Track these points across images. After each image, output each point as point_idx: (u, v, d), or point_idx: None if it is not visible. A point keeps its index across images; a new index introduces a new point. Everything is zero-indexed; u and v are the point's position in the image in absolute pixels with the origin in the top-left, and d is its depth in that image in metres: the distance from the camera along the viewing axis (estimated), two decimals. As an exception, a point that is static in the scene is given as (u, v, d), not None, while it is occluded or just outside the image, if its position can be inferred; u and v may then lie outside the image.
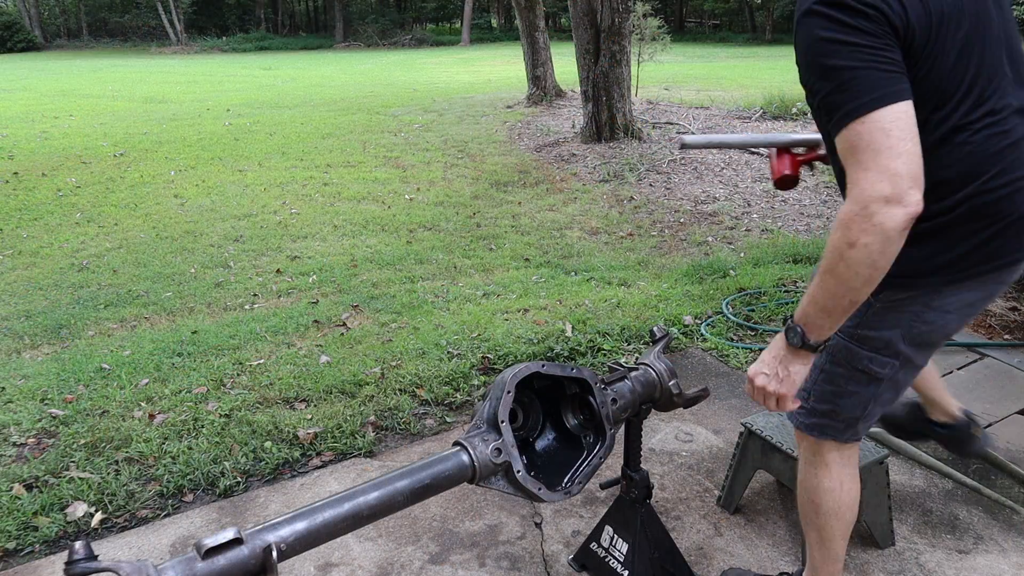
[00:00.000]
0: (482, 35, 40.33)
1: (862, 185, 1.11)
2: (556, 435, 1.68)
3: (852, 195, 1.13)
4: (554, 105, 11.84)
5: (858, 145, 1.12)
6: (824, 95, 1.17)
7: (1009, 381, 3.00)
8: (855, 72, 1.13)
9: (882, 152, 1.10)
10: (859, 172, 1.12)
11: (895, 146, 1.11)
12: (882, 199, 1.10)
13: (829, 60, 1.15)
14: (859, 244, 1.12)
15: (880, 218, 1.10)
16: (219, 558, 1.14)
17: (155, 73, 21.80)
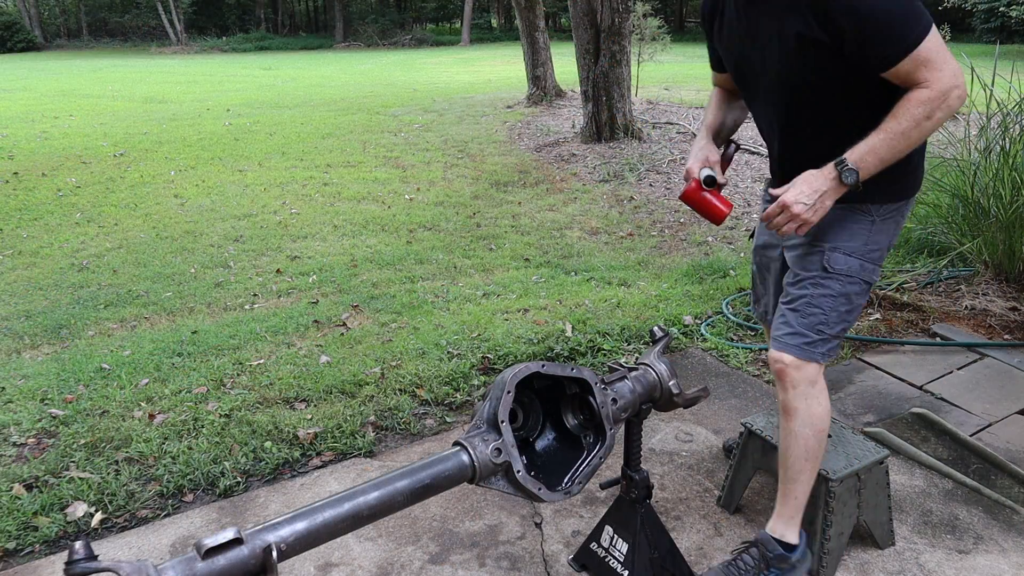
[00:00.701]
0: (482, 35, 40.33)
1: (942, 78, 1.50)
2: (556, 435, 1.68)
3: (933, 87, 1.51)
4: (554, 105, 11.84)
5: (931, 56, 1.50)
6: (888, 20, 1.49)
7: (1009, 381, 3.00)
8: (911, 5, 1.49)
9: (947, 58, 1.51)
10: (934, 72, 1.51)
11: (947, 50, 1.53)
12: (955, 87, 1.52)
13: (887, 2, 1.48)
14: (935, 118, 1.54)
15: (952, 101, 1.53)
16: (219, 558, 1.14)
17: (155, 73, 21.80)
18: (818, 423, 1.78)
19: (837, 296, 1.75)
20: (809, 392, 1.76)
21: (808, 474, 1.82)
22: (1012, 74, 4.03)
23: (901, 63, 1.52)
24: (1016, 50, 17.26)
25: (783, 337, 1.78)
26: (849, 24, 1.51)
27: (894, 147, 1.56)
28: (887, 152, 1.57)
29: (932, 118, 1.54)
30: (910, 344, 3.31)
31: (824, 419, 1.79)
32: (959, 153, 4.15)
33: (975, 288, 3.75)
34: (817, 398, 1.77)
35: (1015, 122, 3.79)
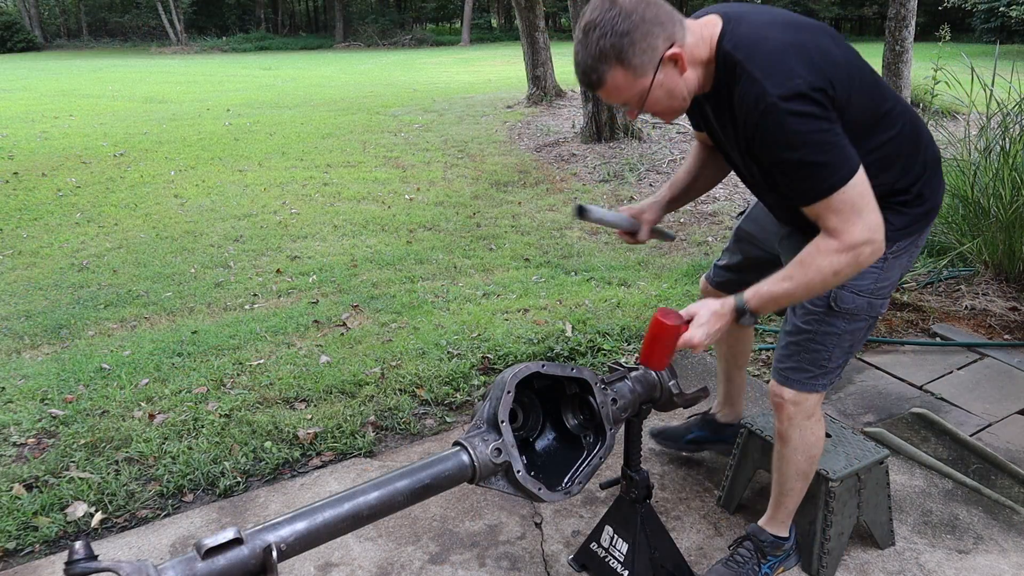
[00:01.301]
0: (482, 35, 40.31)
1: (853, 232, 1.42)
2: (556, 435, 1.68)
3: (842, 239, 1.43)
4: (554, 105, 11.84)
5: (843, 208, 1.42)
6: (804, 169, 1.41)
7: (1009, 381, 3.00)
8: (830, 148, 1.40)
9: (865, 210, 1.43)
10: (846, 224, 1.43)
11: (869, 203, 1.44)
12: (867, 243, 1.44)
13: (810, 139, 1.39)
14: (843, 273, 1.47)
15: (863, 258, 1.45)
16: (219, 558, 1.14)
17: (155, 73, 21.79)
18: (811, 449, 1.81)
19: (842, 334, 1.70)
20: (805, 424, 1.78)
21: (800, 489, 1.87)
22: (1012, 74, 4.03)
23: (812, 206, 1.45)
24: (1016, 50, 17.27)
25: (785, 371, 1.77)
26: (768, 160, 1.47)
27: (795, 296, 1.53)
28: (787, 300, 1.54)
29: (839, 273, 1.47)
30: (910, 344, 3.31)
31: (817, 445, 1.82)
32: (959, 153, 4.16)
33: (975, 288, 3.75)
34: (812, 428, 1.79)
35: (1015, 122, 3.80)
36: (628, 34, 1.39)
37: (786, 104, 1.37)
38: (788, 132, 1.38)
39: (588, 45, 1.41)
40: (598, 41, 1.40)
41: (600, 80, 1.44)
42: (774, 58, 1.41)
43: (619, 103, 1.50)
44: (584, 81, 1.46)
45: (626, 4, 1.39)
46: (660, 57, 1.42)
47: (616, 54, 1.40)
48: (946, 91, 5.71)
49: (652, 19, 1.40)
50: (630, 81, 1.44)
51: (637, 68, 1.42)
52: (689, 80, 1.48)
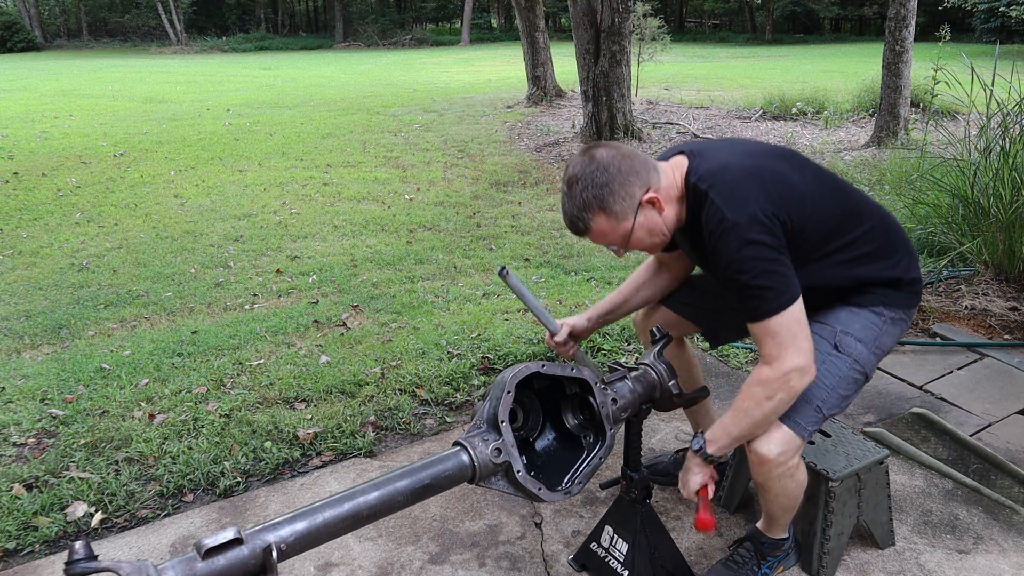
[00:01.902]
0: (482, 35, 40.32)
1: (784, 359, 1.52)
2: (556, 435, 1.68)
3: (774, 366, 1.53)
4: (554, 105, 11.84)
5: (780, 331, 1.52)
6: (750, 290, 1.52)
7: (1009, 381, 3.00)
8: (775, 276, 1.51)
9: (798, 337, 1.52)
10: (779, 350, 1.53)
11: (804, 331, 1.54)
12: (796, 370, 1.53)
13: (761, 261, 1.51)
14: (776, 399, 1.55)
15: (795, 383, 1.54)
16: (219, 558, 1.14)
17: (155, 73, 21.79)
18: (796, 491, 1.78)
19: (843, 377, 1.69)
20: (791, 462, 1.69)
21: (791, 511, 1.86)
22: (1012, 74, 4.03)
23: (752, 325, 1.56)
24: (1016, 50, 17.29)
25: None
26: (722, 277, 1.58)
27: (741, 424, 1.61)
28: (736, 429, 1.62)
29: (773, 399, 1.55)
30: (910, 344, 3.31)
31: (802, 486, 1.78)
32: (959, 153, 4.15)
33: (975, 288, 3.75)
34: (793, 476, 1.72)
35: (1015, 122, 3.79)
36: (607, 185, 1.57)
37: (742, 231, 1.51)
38: (740, 256, 1.51)
39: (573, 197, 1.61)
40: (581, 193, 1.59)
41: (586, 227, 1.62)
42: (733, 186, 1.56)
43: (605, 244, 1.66)
44: (572, 228, 1.65)
45: (603, 159, 1.57)
46: (638, 202, 1.59)
47: (598, 203, 1.58)
48: (946, 91, 5.71)
49: (628, 170, 1.58)
50: (613, 225, 1.60)
51: (618, 214, 1.59)
52: (668, 217, 1.64)
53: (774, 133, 8.94)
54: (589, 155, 1.60)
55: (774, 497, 1.78)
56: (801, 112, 9.90)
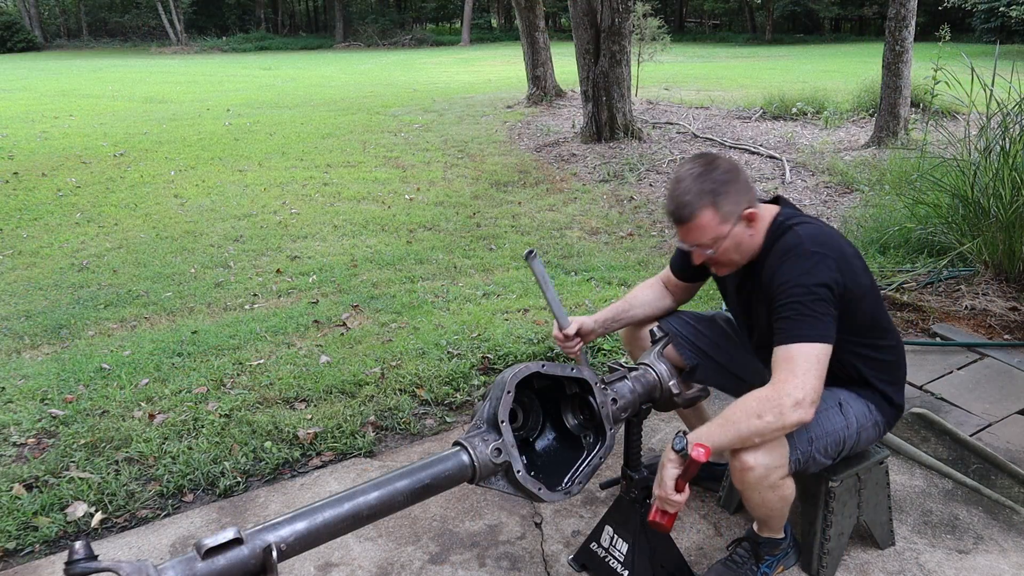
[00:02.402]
0: (482, 35, 40.31)
1: (782, 388, 1.55)
2: (556, 435, 1.68)
3: (776, 387, 1.56)
4: (554, 105, 11.84)
5: (797, 359, 1.57)
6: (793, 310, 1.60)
7: (1009, 381, 3.00)
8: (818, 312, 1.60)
9: (810, 374, 1.56)
10: (789, 376, 1.56)
11: (820, 373, 1.57)
12: (797, 401, 1.54)
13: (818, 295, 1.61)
14: (764, 419, 1.55)
15: (788, 413, 1.54)
16: (219, 558, 1.14)
17: (155, 73, 21.79)
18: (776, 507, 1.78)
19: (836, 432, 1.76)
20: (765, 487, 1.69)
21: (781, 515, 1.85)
22: (1012, 74, 4.03)
23: (778, 348, 1.61)
24: (1016, 50, 17.29)
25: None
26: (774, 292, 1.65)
27: (726, 434, 1.60)
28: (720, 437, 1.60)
29: (762, 418, 1.55)
30: (910, 344, 3.31)
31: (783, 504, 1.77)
32: (959, 153, 4.15)
33: (975, 288, 3.75)
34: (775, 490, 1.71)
35: (1015, 122, 3.79)
36: (726, 184, 1.66)
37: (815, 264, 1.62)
38: (802, 281, 1.61)
39: (688, 185, 1.65)
40: (699, 183, 1.65)
41: (692, 215, 1.66)
42: (819, 232, 1.69)
43: (697, 242, 1.70)
44: (676, 214, 1.67)
45: (726, 164, 1.68)
46: (740, 213, 1.68)
47: (712, 197, 1.65)
48: (946, 91, 5.71)
49: (742, 183, 1.69)
50: (715, 224, 1.66)
51: (723, 215, 1.66)
52: (754, 242, 1.73)
53: (774, 133, 8.94)
54: (711, 156, 1.69)
55: (755, 506, 1.78)
56: (801, 112, 9.90)
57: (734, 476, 1.69)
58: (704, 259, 1.75)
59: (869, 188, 6.08)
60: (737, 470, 1.66)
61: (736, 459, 1.65)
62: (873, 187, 6.02)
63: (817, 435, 1.74)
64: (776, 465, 1.65)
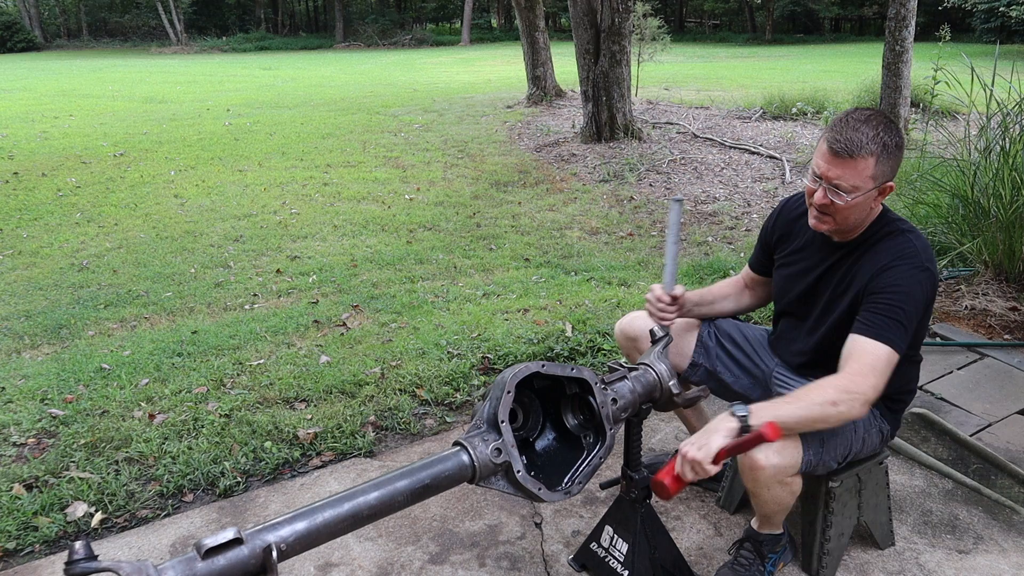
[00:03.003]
0: (482, 35, 40.31)
1: (860, 383, 1.61)
2: (556, 435, 1.68)
3: (856, 380, 1.61)
4: (554, 105, 11.84)
5: (878, 359, 1.63)
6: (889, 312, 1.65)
7: (1009, 381, 3.00)
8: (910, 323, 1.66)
9: (881, 376, 1.62)
10: (868, 372, 1.62)
11: (886, 376, 1.64)
12: (866, 397, 1.60)
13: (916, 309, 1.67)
14: (839, 408, 1.59)
15: (856, 404, 1.60)
16: (219, 558, 1.14)
17: (155, 73, 21.79)
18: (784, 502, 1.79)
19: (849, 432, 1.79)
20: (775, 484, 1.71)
21: (782, 514, 1.88)
22: (1012, 74, 4.03)
23: (860, 338, 1.66)
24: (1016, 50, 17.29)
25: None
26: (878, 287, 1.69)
27: (795, 412, 1.61)
28: (787, 413, 1.60)
29: (837, 406, 1.59)
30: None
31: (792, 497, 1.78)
32: (959, 153, 4.15)
33: (975, 288, 3.75)
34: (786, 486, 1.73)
35: (1015, 122, 3.79)
36: (895, 150, 1.67)
37: (924, 278, 1.67)
38: (906, 289, 1.66)
39: (868, 129, 1.63)
40: (881, 134, 1.64)
41: (857, 154, 1.63)
42: (927, 249, 1.73)
43: (840, 180, 1.66)
44: (846, 146, 1.63)
45: (901, 135, 1.69)
46: (884, 182, 1.69)
47: (881, 150, 1.65)
48: (946, 91, 5.71)
49: (900, 159, 1.72)
50: (867, 174, 1.65)
51: (878, 173, 1.66)
52: (868, 217, 1.76)
53: (774, 133, 8.94)
54: (894, 120, 1.70)
55: (763, 503, 1.79)
56: (801, 112, 9.90)
57: (744, 474, 1.70)
58: (828, 201, 1.68)
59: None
60: (747, 468, 1.67)
61: (747, 457, 1.65)
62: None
63: (828, 437, 1.75)
64: (786, 466, 1.67)
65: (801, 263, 1.93)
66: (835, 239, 1.83)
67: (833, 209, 1.70)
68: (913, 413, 2.74)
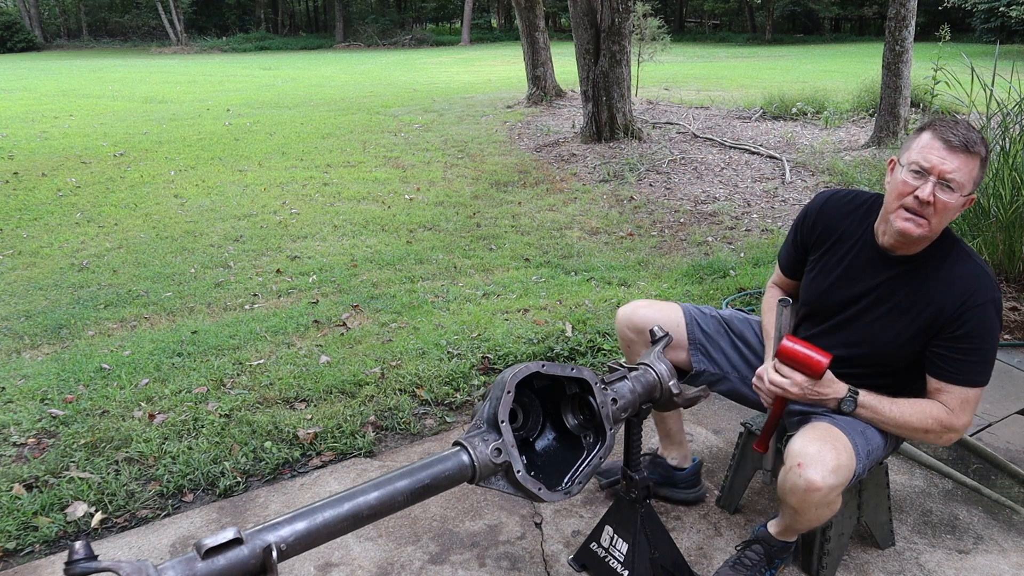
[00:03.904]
0: (482, 35, 40.32)
1: (960, 419, 1.68)
2: (556, 435, 1.68)
3: (951, 417, 1.68)
4: (554, 105, 11.84)
5: (969, 401, 1.69)
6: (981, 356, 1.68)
7: (1009, 381, 3.00)
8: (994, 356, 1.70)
9: (972, 410, 1.70)
10: (960, 412, 1.69)
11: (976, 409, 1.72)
12: (957, 432, 1.70)
13: (996, 342, 1.70)
14: (928, 436, 1.72)
15: (946, 437, 1.71)
16: (219, 558, 1.14)
17: (155, 73, 21.79)
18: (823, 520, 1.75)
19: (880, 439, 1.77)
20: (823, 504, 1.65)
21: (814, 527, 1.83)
22: (1012, 74, 4.03)
23: (950, 386, 1.69)
24: (1016, 50, 17.28)
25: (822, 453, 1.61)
26: (950, 337, 1.68)
27: (886, 423, 1.72)
28: (880, 420, 1.72)
29: (928, 433, 1.70)
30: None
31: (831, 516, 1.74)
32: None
33: (975, 288, 3.75)
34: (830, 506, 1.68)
35: (1015, 122, 3.79)
36: (987, 157, 1.67)
37: (998, 307, 1.67)
38: (993, 327, 1.67)
39: (979, 134, 1.64)
40: (983, 139, 1.65)
41: (972, 148, 1.61)
42: (987, 265, 1.75)
43: (954, 176, 1.60)
44: (964, 140, 1.61)
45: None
46: (973, 192, 1.66)
47: (986, 153, 1.66)
48: (946, 91, 5.72)
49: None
50: (974, 175, 1.63)
51: (979, 178, 1.66)
52: (943, 226, 1.68)
53: (774, 133, 8.94)
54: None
55: (806, 521, 1.72)
56: (801, 112, 9.90)
57: (794, 495, 1.62)
58: (934, 198, 1.59)
59: (869, 188, 6.08)
60: (801, 489, 1.59)
61: (802, 478, 1.58)
62: (873, 187, 6.02)
63: (872, 449, 1.73)
64: (839, 485, 1.61)
65: (845, 269, 1.81)
66: (896, 252, 1.73)
67: (934, 209, 1.60)
68: (913, 413, 2.74)
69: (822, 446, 1.61)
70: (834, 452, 1.60)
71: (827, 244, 1.86)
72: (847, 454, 1.62)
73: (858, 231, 1.80)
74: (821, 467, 1.57)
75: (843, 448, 1.63)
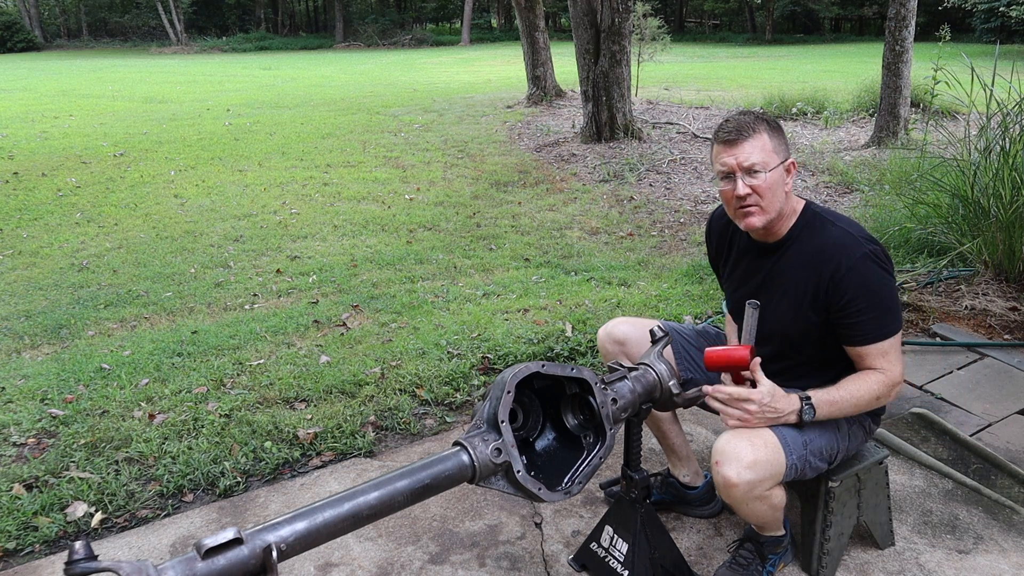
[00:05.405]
0: (482, 35, 40.31)
1: (894, 372, 1.73)
2: (556, 435, 1.68)
3: (888, 376, 1.72)
4: (554, 105, 11.84)
5: (890, 352, 1.72)
6: (881, 313, 1.70)
7: (1009, 381, 3.00)
8: (895, 300, 1.73)
9: (900, 357, 1.75)
10: (894, 365, 1.73)
11: (901, 353, 1.76)
12: (899, 383, 1.75)
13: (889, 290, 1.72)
14: (880, 401, 1.75)
15: (894, 394, 1.76)
16: (219, 558, 1.14)
17: (155, 73, 21.79)
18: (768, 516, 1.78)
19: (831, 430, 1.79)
20: (753, 499, 1.67)
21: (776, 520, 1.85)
22: (1012, 74, 4.03)
23: (867, 347, 1.72)
24: (1016, 50, 17.28)
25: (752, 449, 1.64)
26: (843, 302, 1.70)
27: (845, 410, 1.74)
28: (839, 411, 1.73)
29: (879, 399, 1.74)
30: (910, 344, 3.31)
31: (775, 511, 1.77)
32: (959, 153, 4.15)
33: (975, 288, 3.75)
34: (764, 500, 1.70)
35: (1015, 122, 3.79)
36: (777, 126, 1.76)
37: (875, 258, 1.69)
38: (876, 279, 1.69)
39: (750, 115, 1.74)
40: (758, 115, 1.75)
41: (754, 132, 1.70)
42: (854, 223, 1.78)
43: (750, 161, 1.69)
44: (738, 131, 1.70)
45: (778, 123, 1.78)
46: (785, 158, 1.75)
47: (768, 125, 1.74)
48: (946, 91, 5.71)
49: (786, 141, 1.79)
50: (768, 149, 1.71)
51: (775, 147, 1.72)
52: (787, 203, 1.77)
53: (774, 133, 8.94)
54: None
55: (746, 515, 1.78)
56: (801, 112, 9.90)
57: (720, 492, 1.68)
58: (750, 189, 1.69)
59: (869, 188, 6.08)
60: (722, 487, 1.65)
61: (719, 475, 1.63)
62: (873, 187, 6.02)
63: (812, 439, 1.73)
64: (759, 480, 1.63)
65: (741, 271, 1.92)
66: (768, 241, 1.83)
67: (758, 195, 1.70)
68: (913, 413, 2.74)
69: (739, 442, 1.64)
70: (750, 447, 1.62)
71: (723, 256, 2.00)
72: (768, 448, 1.64)
73: (737, 235, 1.91)
74: (736, 463, 1.61)
75: (763, 443, 1.64)
